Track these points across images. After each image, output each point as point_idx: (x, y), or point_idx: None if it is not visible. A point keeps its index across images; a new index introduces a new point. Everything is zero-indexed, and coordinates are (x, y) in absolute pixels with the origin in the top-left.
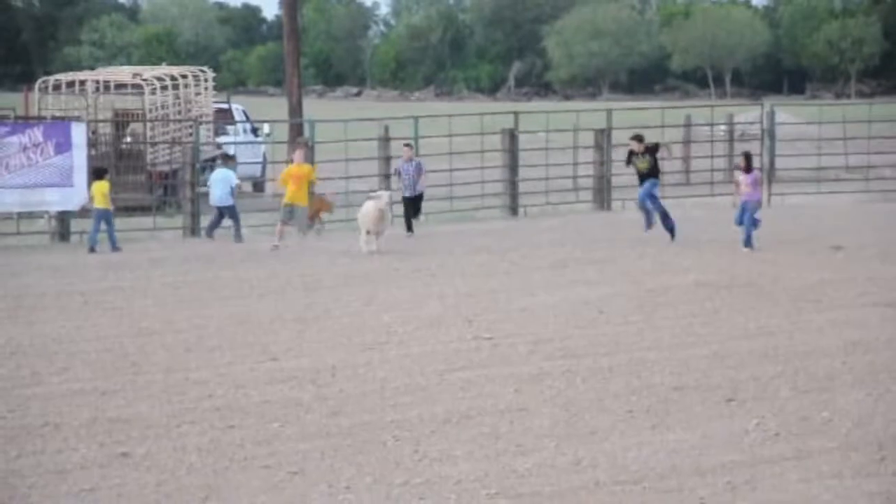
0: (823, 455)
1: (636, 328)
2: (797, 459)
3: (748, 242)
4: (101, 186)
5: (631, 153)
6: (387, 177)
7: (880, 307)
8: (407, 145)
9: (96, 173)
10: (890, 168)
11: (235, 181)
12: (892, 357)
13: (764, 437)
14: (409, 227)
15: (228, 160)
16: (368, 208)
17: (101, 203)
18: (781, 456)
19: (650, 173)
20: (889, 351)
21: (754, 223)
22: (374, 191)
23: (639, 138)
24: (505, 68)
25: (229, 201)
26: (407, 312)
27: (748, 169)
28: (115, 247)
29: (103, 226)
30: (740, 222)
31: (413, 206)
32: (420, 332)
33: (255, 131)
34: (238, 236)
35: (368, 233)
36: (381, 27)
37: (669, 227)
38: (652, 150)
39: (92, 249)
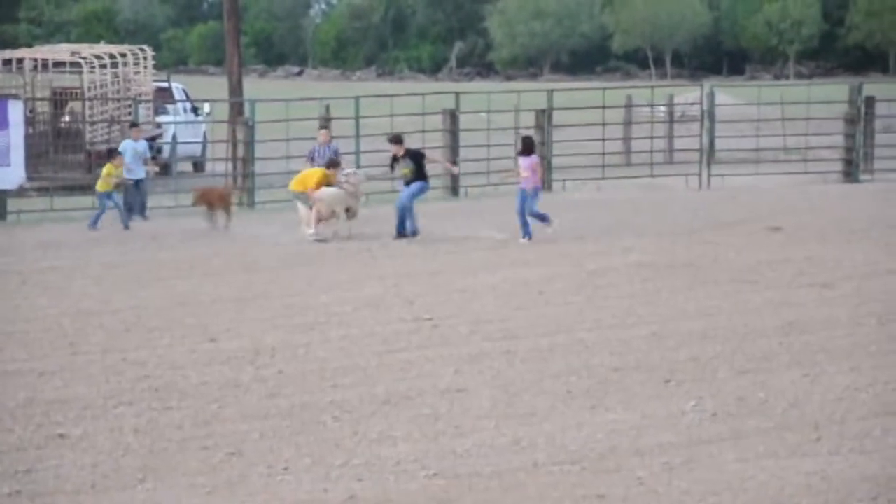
0: (760, 435)
1: (576, 309)
2: (734, 440)
3: (526, 231)
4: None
5: (394, 157)
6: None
7: (817, 288)
8: (324, 128)
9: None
10: (828, 149)
11: (148, 153)
12: (828, 337)
13: (701, 418)
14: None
15: (134, 129)
16: (335, 190)
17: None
18: (718, 436)
19: (418, 177)
20: (825, 331)
21: (540, 217)
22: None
23: (397, 140)
24: (446, 48)
25: (141, 174)
26: (347, 293)
27: (527, 152)
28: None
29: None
30: (522, 211)
31: None
32: (360, 313)
33: (195, 110)
34: (135, 216)
35: (334, 215)
36: (323, 6)
37: (402, 231)
38: (415, 154)
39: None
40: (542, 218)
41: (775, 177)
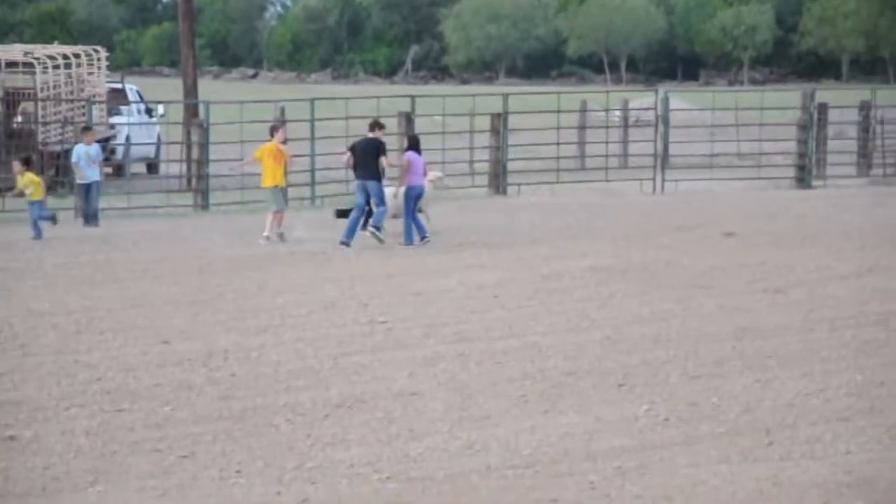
0: (712, 440)
1: (530, 313)
2: (686, 444)
3: (408, 238)
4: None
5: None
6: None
7: (770, 293)
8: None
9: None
10: (781, 155)
11: (101, 157)
12: (780, 343)
13: (654, 422)
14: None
15: (86, 133)
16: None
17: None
18: (671, 441)
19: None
20: (778, 337)
21: (415, 220)
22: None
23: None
24: (402, 52)
25: (94, 177)
26: (301, 296)
27: (408, 150)
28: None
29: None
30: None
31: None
32: (314, 316)
33: (149, 112)
34: (93, 218)
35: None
36: (278, 8)
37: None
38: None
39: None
40: (422, 228)
41: (729, 182)
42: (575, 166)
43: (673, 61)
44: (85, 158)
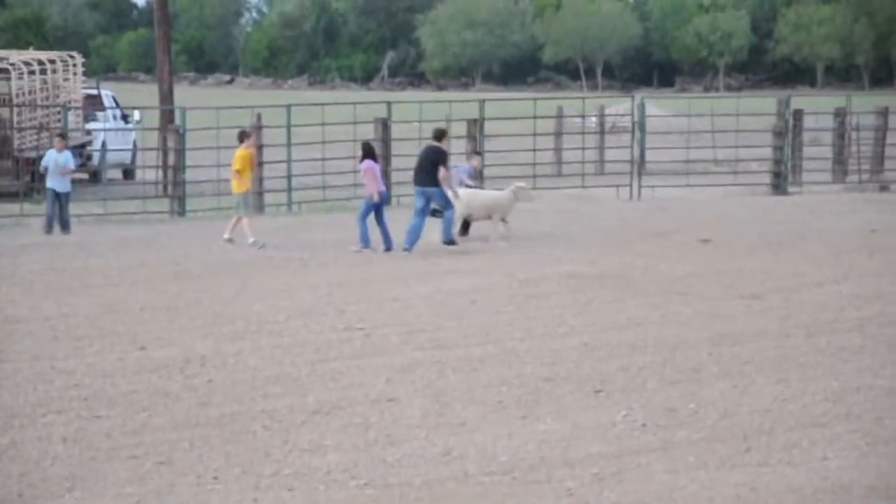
0: (689, 446)
1: (508, 319)
2: (663, 451)
3: (365, 241)
4: None
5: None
6: (259, 165)
7: (746, 299)
8: (477, 153)
9: None
10: (757, 161)
11: (72, 165)
12: (757, 349)
13: (631, 429)
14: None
15: (58, 140)
16: (504, 195)
17: None
18: (648, 447)
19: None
20: (755, 343)
21: (363, 234)
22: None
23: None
24: (378, 58)
25: (64, 187)
26: (278, 302)
27: (362, 159)
28: None
29: None
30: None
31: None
32: (291, 322)
33: (125, 118)
34: (53, 223)
35: (503, 220)
36: (254, 14)
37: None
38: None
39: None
40: (364, 237)
41: (705, 189)
42: (551, 172)
43: (649, 67)
44: (53, 165)
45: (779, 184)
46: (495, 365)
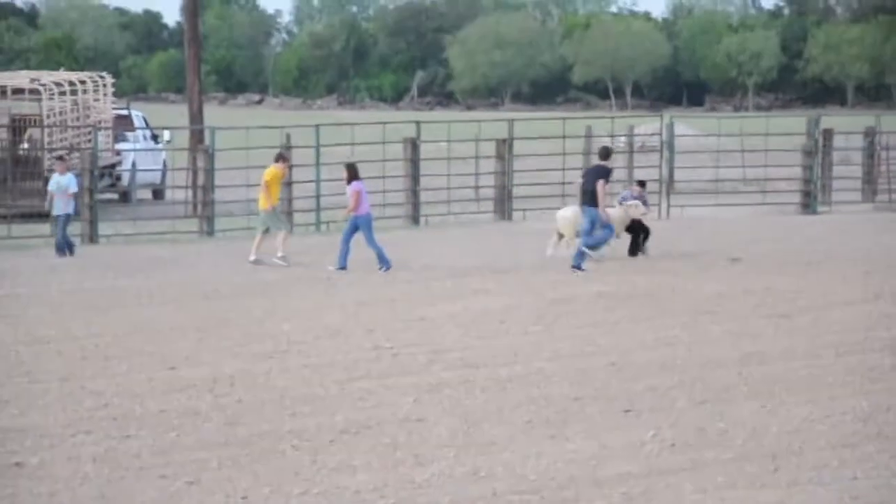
0: (718, 466)
1: (536, 338)
2: (692, 470)
3: (384, 261)
4: None
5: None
6: (288, 184)
7: (775, 319)
8: (640, 183)
9: None
10: (786, 181)
11: (74, 187)
12: (786, 369)
13: (660, 448)
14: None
15: (59, 163)
16: (570, 213)
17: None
18: (677, 467)
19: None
20: (783, 362)
21: (343, 245)
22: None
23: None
24: (408, 77)
25: (68, 209)
26: (307, 321)
27: (349, 180)
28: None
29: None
30: (343, 236)
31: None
32: (320, 342)
33: (154, 138)
34: (64, 248)
35: (561, 237)
36: (284, 35)
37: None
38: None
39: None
40: (382, 257)
41: (734, 208)
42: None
43: (678, 87)
44: (55, 188)
45: (808, 203)
46: (523, 385)
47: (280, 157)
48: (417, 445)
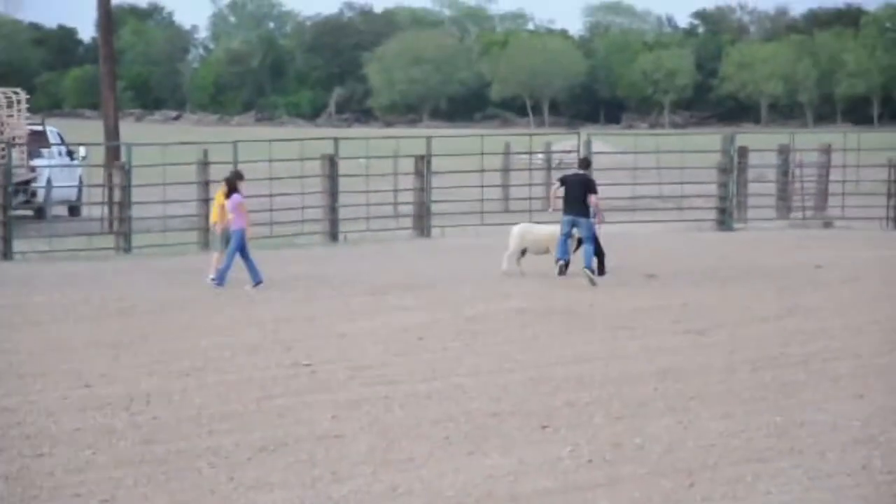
0: (634, 481)
1: (455, 354)
2: (609, 486)
3: (220, 279)
4: None
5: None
6: (205, 201)
7: (691, 334)
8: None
9: None
10: (703, 198)
11: None
12: (702, 384)
13: (577, 464)
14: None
15: None
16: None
17: None
18: (594, 482)
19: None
20: (700, 378)
21: (225, 269)
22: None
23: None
24: (326, 94)
25: None
26: (225, 338)
27: (230, 192)
28: None
29: None
30: (243, 253)
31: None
32: (237, 359)
33: (70, 154)
34: None
35: (524, 252)
36: (201, 51)
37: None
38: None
39: None
40: (224, 271)
41: (651, 224)
42: (499, 208)
43: (595, 105)
44: None
45: (724, 220)
46: (442, 401)
47: (237, 176)
48: (335, 462)
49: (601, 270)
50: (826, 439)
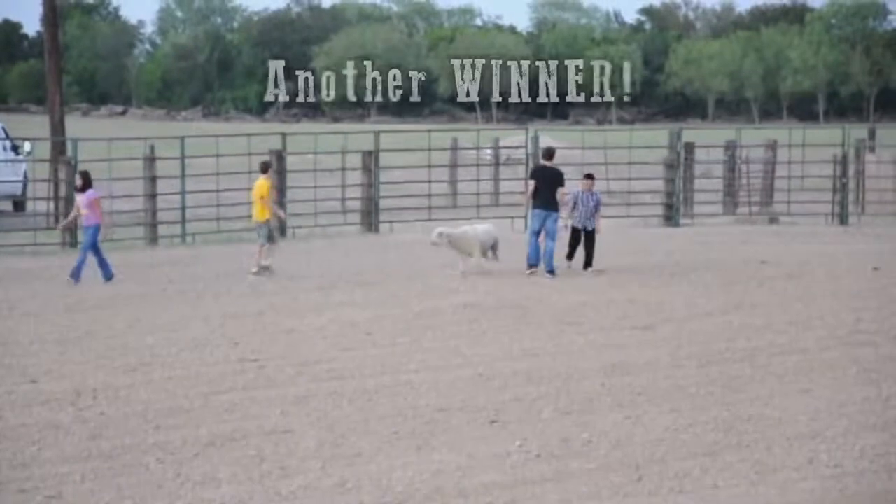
0: (583, 476)
1: (403, 350)
2: (557, 480)
3: (76, 275)
4: None
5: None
6: (152, 196)
7: (639, 330)
8: (588, 176)
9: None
10: (650, 193)
11: None
12: (650, 379)
13: (526, 458)
14: (570, 256)
15: None
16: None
17: None
18: (542, 477)
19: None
20: (647, 373)
21: (79, 268)
22: None
23: (551, 155)
24: (273, 89)
25: None
26: (171, 334)
27: (84, 187)
28: None
29: None
30: (95, 249)
31: (590, 238)
32: (184, 354)
33: (15, 149)
34: None
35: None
36: (147, 46)
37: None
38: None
39: None
40: (79, 269)
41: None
42: (447, 203)
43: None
44: None
45: (671, 215)
46: (390, 396)
47: (266, 166)
48: (284, 457)
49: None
50: (772, 434)
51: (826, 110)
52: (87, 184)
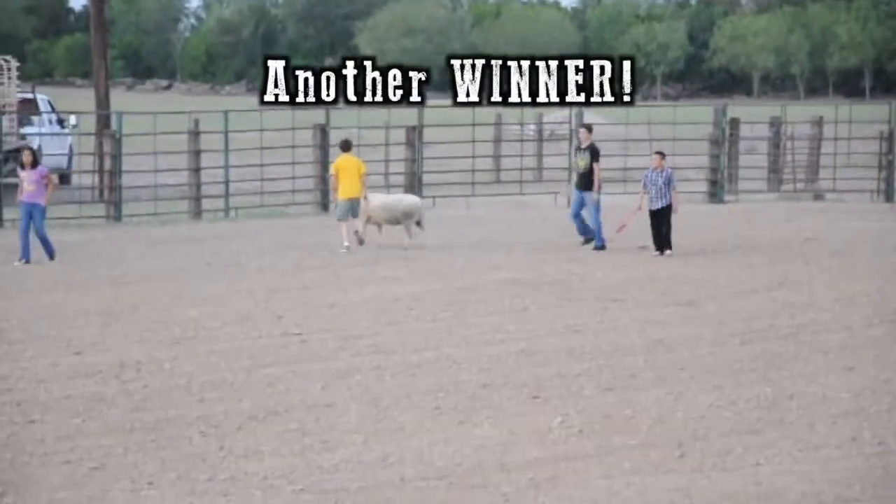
0: (625, 452)
1: (445, 325)
2: (599, 456)
3: (48, 251)
4: None
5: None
6: (196, 171)
7: (681, 306)
8: (658, 153)
9: None
10: (694, 170)
11: None
12: (691, 356)
13: (567, 434)
14: (658, 246)
15: None
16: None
17: None
18: (584, 452)
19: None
20: (688, 349)
21: (45, 238)
22: None
23: (588, 127)
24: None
25: None
26: (215, 308)
27: (33, 164)
28: None
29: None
30: (26, 230)
31: (661, 218)
32: (228, 328)
33: (61, 122)
34: None
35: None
36: (192, 20)
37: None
38: (594, 149)
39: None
40: (47, 246)
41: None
42: (490, 179)
43: None
44: None
45: (715, 192)
46: (433, 371)
47: (347, 144)
48: (326, 431)
49: (660, 245)
50: (815, 411)
51: (873, 87)
52: (35, 161)
